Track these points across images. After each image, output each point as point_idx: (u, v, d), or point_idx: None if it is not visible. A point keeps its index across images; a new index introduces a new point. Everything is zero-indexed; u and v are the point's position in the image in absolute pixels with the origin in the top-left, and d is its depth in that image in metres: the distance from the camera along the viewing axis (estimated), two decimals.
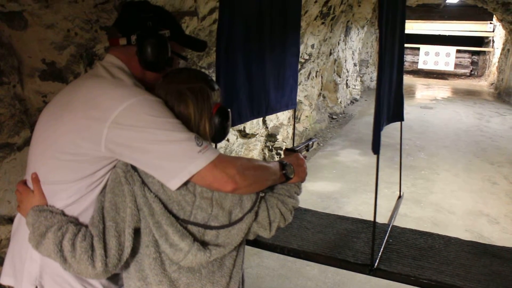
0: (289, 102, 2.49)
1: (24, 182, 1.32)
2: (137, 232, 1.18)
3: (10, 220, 2.08)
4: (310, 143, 1.65)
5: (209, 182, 1.15)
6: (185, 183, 1.15)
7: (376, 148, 1.65)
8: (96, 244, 1.12)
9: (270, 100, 2.28)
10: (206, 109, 1.24)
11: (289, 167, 1.40)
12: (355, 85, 11.25)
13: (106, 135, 1.13)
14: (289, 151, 1.53)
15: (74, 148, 1.16)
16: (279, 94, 2.36)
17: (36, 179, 1.24)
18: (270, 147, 5.61)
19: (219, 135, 1.30)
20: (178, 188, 1.15)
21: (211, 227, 1.22)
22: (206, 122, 1.24)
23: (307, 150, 1.58)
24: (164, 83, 1.26)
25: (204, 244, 1.20)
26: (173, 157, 1.12)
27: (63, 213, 1.22)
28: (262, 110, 2.25)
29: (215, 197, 1.23)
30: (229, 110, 1.30)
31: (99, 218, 1.16)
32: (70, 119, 1.18)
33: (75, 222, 1.20)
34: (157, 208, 1.16)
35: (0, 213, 2.03)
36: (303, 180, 1.49)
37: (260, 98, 2.20)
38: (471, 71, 19.18)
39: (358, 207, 4.59)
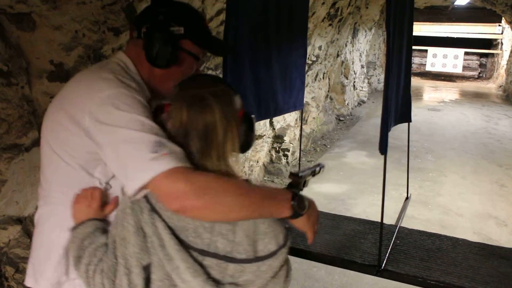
0: (296, 103, 2.49)
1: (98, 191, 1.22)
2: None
3: (19, 220, 2.09)
4: (317, 169, 1.48)
5: (158, 195, 1.02)
6: None
7: (383, 148, 1.65)
8: (105, 282, 1.04)
9: (277, 101, 2.28)
10: (232, 114, 1.07)
11: (303, 201, 1.09)
12: (362, 87, 11.22)
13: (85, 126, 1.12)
14: (293, 175, 1.25)
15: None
16: (286, 95, 2.36)
17: (99, 189, 1.21)
18: (277, 149, 5.61)
19: (244, 145, 1.13)
20: None
21: (235, 260, 1.01)
22: (234, 130, 1.07)
23: (313, 176, 1.34)
24: (181, 91, 1.09)
25: (220, 283, 1.01)
26: (129, 160, 1.03)
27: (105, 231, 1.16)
28: (270, 111, 2.25)
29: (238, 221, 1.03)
30: (253, 116, 1.15)
31: (111, 252, 1.05)
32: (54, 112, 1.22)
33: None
34: (167, 239, 1.00)
35: (8, 214, 2.04)
36: (313, 231, 1.17)
37: (268, 99, 2.20)
38: (479, 73, 19.06)
39: (365, 208, 4.57)
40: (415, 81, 15.27)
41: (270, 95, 2.20)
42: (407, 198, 2.62)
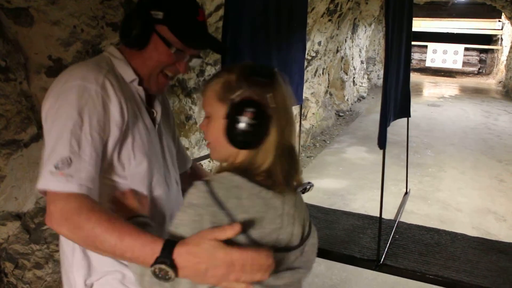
0: (296, 97, 2.48)
1: None
2: None
3: (18, 216, 2.09)
4: (308, 187, 1.41)
5: None
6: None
7: (382, 143, 1.65)
8: None
9: None
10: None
11: (168, 258, 0.89)
12: (362, 83, 11.21)
13: None
14: None
15: None
16: None
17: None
18: None
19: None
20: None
21: (292, 248, 1.03)
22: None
23: (303, 193, 1.28)
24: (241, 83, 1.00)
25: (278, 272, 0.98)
26: (43, 160, 1.07)
27: None
28: None
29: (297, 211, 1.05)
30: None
31: None
32: None
33: None
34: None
35: (7, 210, 2.04)
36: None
37: None
38: (479, 69, 19.04)
39: (364, 204, 4.58)
40: (414, 77, 15.26)
41: None
42: (406, 193, 2.63)
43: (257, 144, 0.98)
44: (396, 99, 2.12)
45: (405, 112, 2.39)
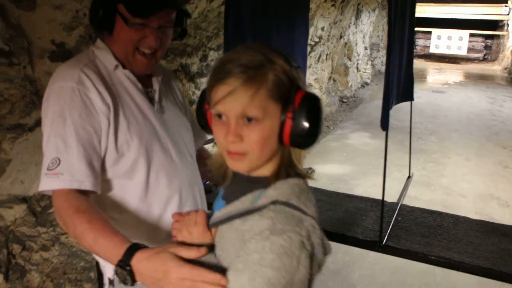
0: None
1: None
2: None
3: (24, 200, 2.12)
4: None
5: None
6: None
7: (385, 124, 1.65)
8: None
9: None
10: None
11: (126, 262, 0.93)
12: (365, 69, 11.15)
13: None
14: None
15: None
16: None
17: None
18: None
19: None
20: None
21: None
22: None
23: None
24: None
25: None
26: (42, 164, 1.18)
27: None
28: None
29: None
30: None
31: None
32: None
33: None
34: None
35: (14, 193, 2.06)
36: None
37: None
38: (484, 55, 18.88)
39: (368, 189, 4.59)
40: (419, 63, 15.17)
41: None
42: (409, 177, 2.63)
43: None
44: (399, 82, 2.12)
45: (408, 95, 2.39)
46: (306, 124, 0.85)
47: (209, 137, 1.52)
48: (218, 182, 1.05)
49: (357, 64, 10.24)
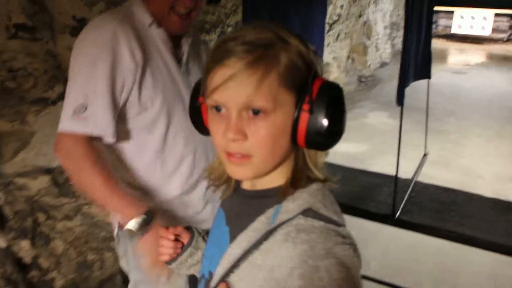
0: None
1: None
2: None
3: (47, 171, 2.19)
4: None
5: None
6: None
7: (400, 99, 1.67)
8: None
9: None
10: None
11: (143, 221, 1.16)
12: (385, 49, 11.00)
13: None
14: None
15: None
16: None
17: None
18: None
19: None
20: None
21: None
22: None
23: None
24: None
25: None
26: (64, 104, 1.24)
27: None
28: None
29: None
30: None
31: None
32: None
33: None
34: None
35: (38, 165, 2.14)
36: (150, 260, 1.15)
37: None
38: (509, 35, 18.40)
39: (384, 168, 4.57)
40: (440, 43, 14.87)
41: None
42: (424, 155, 2.64)
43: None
44: (416, 59, 2.12)
45: (425, 73, 2.38)
46: (326, 119, 0.69)
47: None
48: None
49: (377, 43, 10.10)
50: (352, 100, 7.49)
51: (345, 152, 5.07)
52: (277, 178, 0.75)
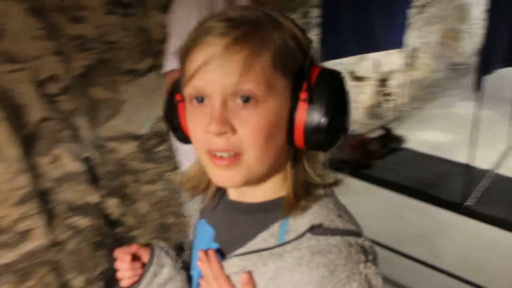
0: (396, 41, 2.44)
1: None
2: None
3: (136, 138, 2.38)
4: None
5: None
6: None
7: (477, 84, 1.61)
8: None
9: (377, 37, 2.26)
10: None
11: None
12: (481, 35, 10.29)
13: None
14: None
15: None
16: (387, 32, 2.33)
17: None
18: (382, 92, 5.48)
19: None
20: None
21: None
22: None
23: None
24: None
25: None
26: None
27: None
28: (369, 45, 2.24)
29: None
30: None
31: None
32: None
33: None
34: None
35: (127, 131, 2.33)
36: None
37: (366, 33, 2.19)
38: None
39: (469, 160, 4.39)
40: None
41: (369, 29, 2.19)
42: (510, 147, 2.50)
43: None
44: (504, 44, 2.00)
45: None
46: (329, 110, 0.56)
47: None
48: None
49: (471, 28, 9.48)
50: (440, 87, 7.16)
51: (430, 140, 4.92)
52: (274, 188, 0.64)
